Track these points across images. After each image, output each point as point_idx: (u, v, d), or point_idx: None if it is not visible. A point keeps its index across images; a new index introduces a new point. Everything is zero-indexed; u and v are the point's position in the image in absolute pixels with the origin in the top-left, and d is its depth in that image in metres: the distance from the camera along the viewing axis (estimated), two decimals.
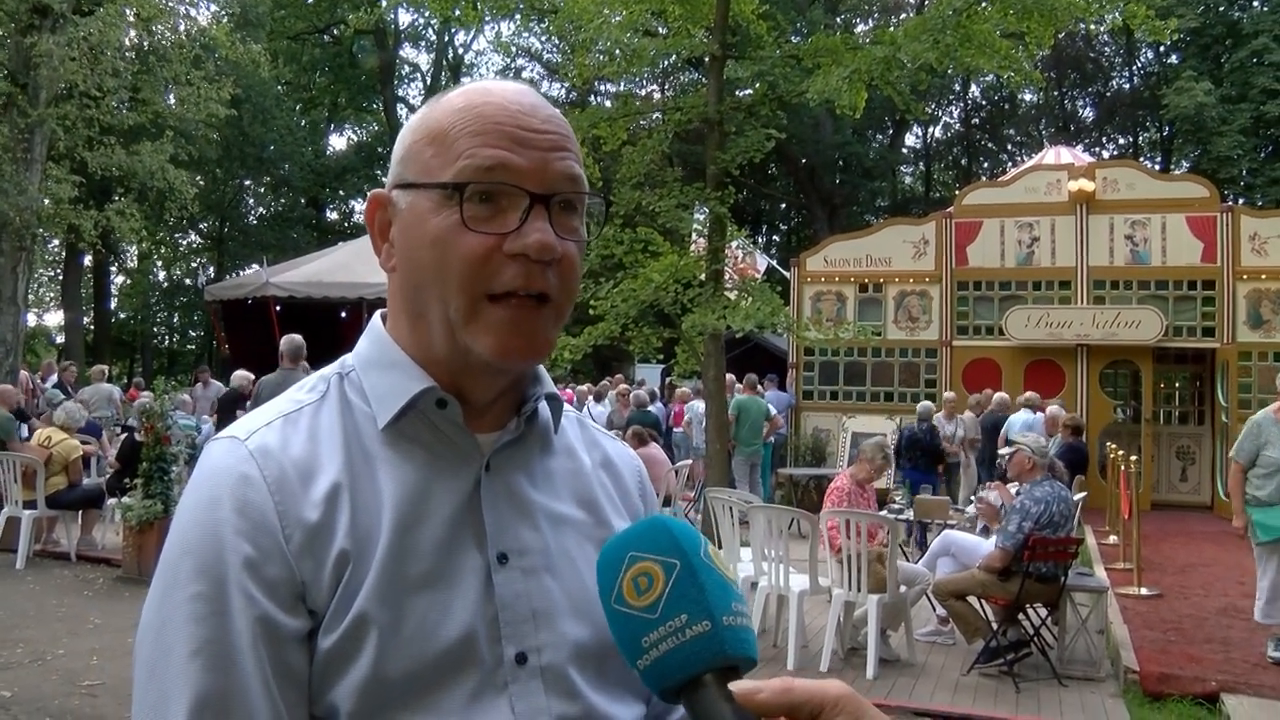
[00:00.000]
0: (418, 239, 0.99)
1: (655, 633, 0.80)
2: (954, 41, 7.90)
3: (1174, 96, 25.89)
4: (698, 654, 0.79)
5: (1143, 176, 15.27)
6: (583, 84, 21.36)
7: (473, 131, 0.97)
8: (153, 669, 0.88)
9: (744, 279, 10.25)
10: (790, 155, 32.43)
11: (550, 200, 0.97)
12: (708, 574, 0.82)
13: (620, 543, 0.86)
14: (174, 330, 40.41)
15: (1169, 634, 7.13)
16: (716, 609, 0.81)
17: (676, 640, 0.80)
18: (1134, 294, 14.60)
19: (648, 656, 0.81)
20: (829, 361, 15.92)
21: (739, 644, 0.81)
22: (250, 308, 17.93)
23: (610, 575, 0.84)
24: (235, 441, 0.96)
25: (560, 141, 1.00)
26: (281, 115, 32.02)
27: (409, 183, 1.01)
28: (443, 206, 0.97)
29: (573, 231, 1.00)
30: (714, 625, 0.80)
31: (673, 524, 0.87)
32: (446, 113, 1.00)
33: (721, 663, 0.80)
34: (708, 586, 0.81)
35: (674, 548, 0.83)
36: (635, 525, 0.89)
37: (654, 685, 0.82)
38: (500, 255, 0.95)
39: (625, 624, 0.82)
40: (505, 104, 0.99)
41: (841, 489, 6.94)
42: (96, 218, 15.20)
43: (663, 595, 0.81)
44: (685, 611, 0.80)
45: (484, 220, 0.96)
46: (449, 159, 0.97)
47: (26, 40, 13.87)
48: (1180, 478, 15.54)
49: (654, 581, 0.82)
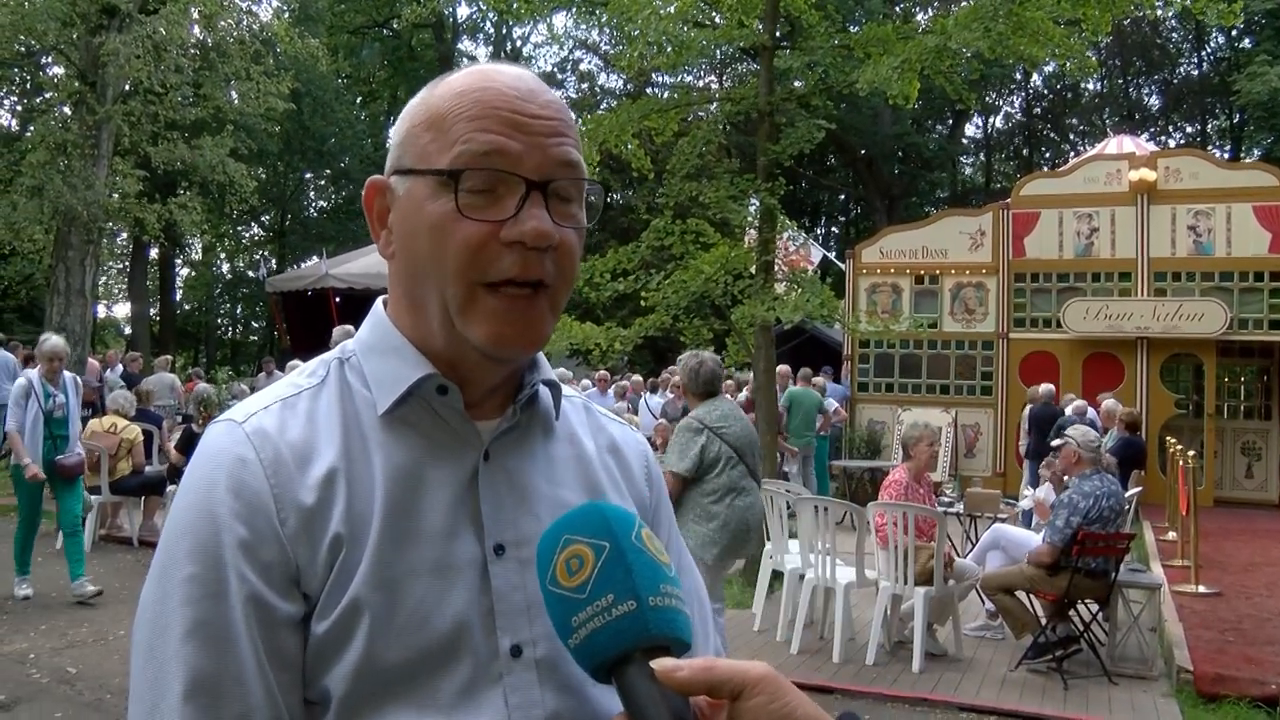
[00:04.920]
0: (415, 226, 0.98)
1: (583, 612, 0.83)
2: (1006, 30, 7.77)
3: (1246, 82, 25.08)
4: (623, 633, 0.82)
5: (1207, 165, 14.86)
6: (637, 76, 21.34)
7: (470, 117, 0.96)
8: (149, 649, 0.89)
9: (794, 270, 10.18)
10: (849, 146, 32.15)
11: (547, 187, 0.97)
12: (636, 555, 0.85)
13: (557, 527, 0.88)
14: (237, 321, 41.17)
15: (1227, 634, 6.97)
16: (643, 589, 0.83)
17: (603, 620, 0.82)
18: (1197, 285, 14.23)
19: (577, 635, 0.83)
20: (884, 353, 15.77)
21: (665, 624, 0.83)
22: (310, 299, 18.24)
23: (546, 557, 0.87)
24: (233, 425, 0.96)
25: (558, 127, 0.99)
26: (341, 109, 32.40)
27: (407, 168, 1.00)
28: (439, 193, 0.96)
29: (570, 218, 0.99)
30: (639, 605, 0.82)
31: (607, 508, 0.90)
32: (444, 97, 0.99)
33: (647, 642, 0.82)
34: (635, 568, 0.84)
35: (605, 530, 0.86)
36: (573, 509, 0.91)
37: (585, 664, 0.84)
38: (496, 243, 0.95)
39: (557, 604, 0.85)
40: (503, 89, 0.98)
41: (899, 483, 6.87)
42: (160, 211, 15.53)
43: (591, 576, 0.83)
44: (611, 591, 0.83)
45: (480, 207, 0.95)
46: (445, 144, 0.97)
47: (96, 40, 14.21)
48: (1245, 474, 15.15)
49: (584, 563, 0.84)
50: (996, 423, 14.98)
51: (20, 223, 14.54)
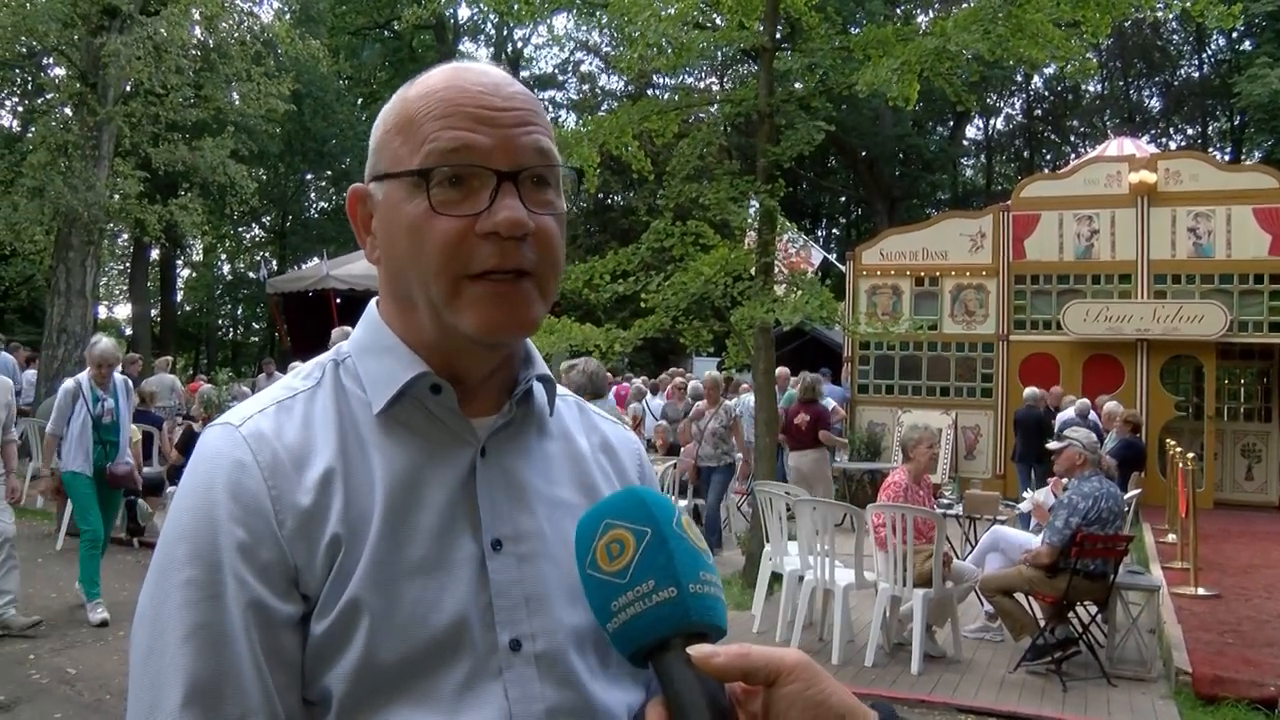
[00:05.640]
0: (394, 228, 1.00)
1: (624, 597, 0.84)
2: (1005, 32, 7.77)
3: (1247, 84, 25.10)
4: (663, 619, 0.82)
5: (1207, 168, 14.86)
6: (637, 78, 21.33)
7: (436, 115, 0.98)
8: (148, 652, 0.89)
9: (794, 272, 10.18)
10: (850, 148, 32.17)
11: (518, 176, 0.97)
12: (678, 543, 0.85)
13: (597, 511, 0.89)
14: (237, 322, 41.23)
15: (1226, 636, 6.97)
16: (684, 576, 0.84)
17: (643, 605, 0.83)
18: (1197, 288, 14.22)
19: (616, 620, 0.84)
20: (884, 355, 15.77)
21: (705, 611, 0.84)
22: (311, 300, 18.22)
23: (586, 542, 0.88)
24: (229, 428, 0.97)
25: (525, 116, 1.00)
26: (342, 110, 32.44)
27: (383, 174, 1.02)
28: (414, 194, 0.97)
29: (546, 205, 1.00)
30: (680, 591, 0.83)
31: (647, 494, 0.90)
32: (411, 100, 1.01)
33: (686, 628, 0.83)
34: (676, 554, 0.84)
35: (647, 516, 0.86)
36: (613, 495, 0.92)
37: (623, 648, 0.85)
38: (473, 236, 0.96)
39: (597, 589, 0.86)
40: (466, 85, 1.00)
41: (898, 484, 6.87)
42: (160, 212, 15.55)
43: (632, 561, 0.84)
44: (653, 577, 0.83)
45: (454, 203, 0.96)
46: (415, 145, 0.98)
47: (97, 41, 14.24)
48: (1246, 476, 15.14)
49: (625, 548, 0.85)
50: (996, 425, 14.97)
51: (21, 224, 14.60)
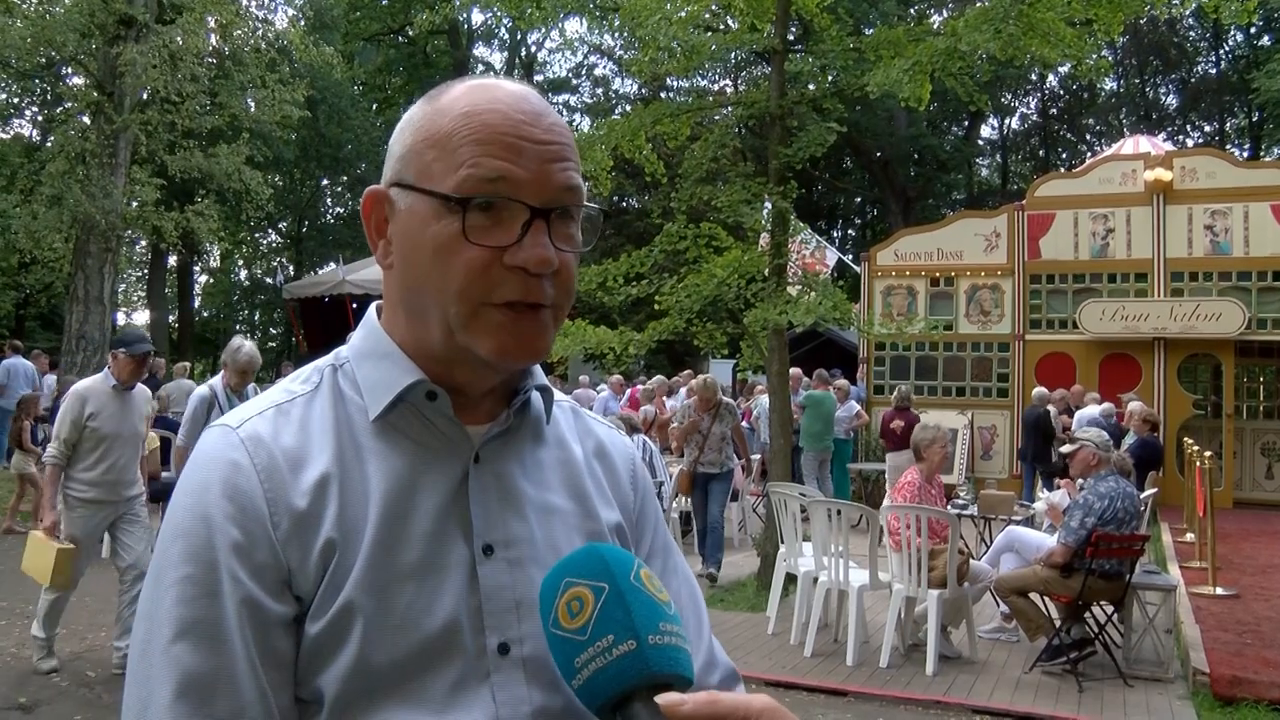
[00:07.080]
0: (417, 244, 0.99)
1: (585, 653, 0.85)
2: (1017, 31, 7.75)
3: (1265, 80, 24.91)
4: (624, 672, 0.83)
5: (1224, 165, 14.76)
6: (650, 80, 21.32)
7: (476, 140, 0.97)
8: (144, 648, 0.91)
9: (808, 274, 10.18)
10: (864, 149, 32.11)
11: (550, 214, 0.98)
12: (634, 596, 0.86)
13: (558, 570, 0.90)
14: (255, 328, 41.35)
15: (1244, 636, 6.92)
16: (642, 629, 0.85)
17: (604, 660, 0.84)
18: (1214, 285, 14.15)
19: (580, 676, 0.85)
20: (900, 356, 15.74)
21: (666, 662, 0.85)
22: (327, 305, 18.32)
23: (549, 601, 0.89)
24: (227, 430, 0.98)
25: (562, 151, 1.01)
26: (357, 116, 32.54)
27: (409, 184, 1.01)
28: (443, 214, 0.97)
29: (569, 240, 1.01)
30: (639, 644, 0.84)
31: (606, 550, 0.92)
32: (449, 116, 1.00)
33: (649, 681, 0.84)
34: (634, 608, 0.86)
35: (604, 572, 0.88)
36: (573, 552, 0.93)
37: (589, 704, 0.86)
38: (499, 267, 0.96)
39: (560, 646, 0.87)
40: (509, 112, 0.99)
41: (912, 484, 6.85)
42: (177, 219, 15.66)
43: (592, 617, 0.85)
44: (612, 632, 0.84)
45: (484, 231, 0.96)
46: (450, 166, 0.98)
47: (113, 50, 14.36)
48: (1266, 475, 15.04)
49: (584, 605, 0.86)
50: (1013, 425, 14.91)
51: (40, 231, 14.73)
